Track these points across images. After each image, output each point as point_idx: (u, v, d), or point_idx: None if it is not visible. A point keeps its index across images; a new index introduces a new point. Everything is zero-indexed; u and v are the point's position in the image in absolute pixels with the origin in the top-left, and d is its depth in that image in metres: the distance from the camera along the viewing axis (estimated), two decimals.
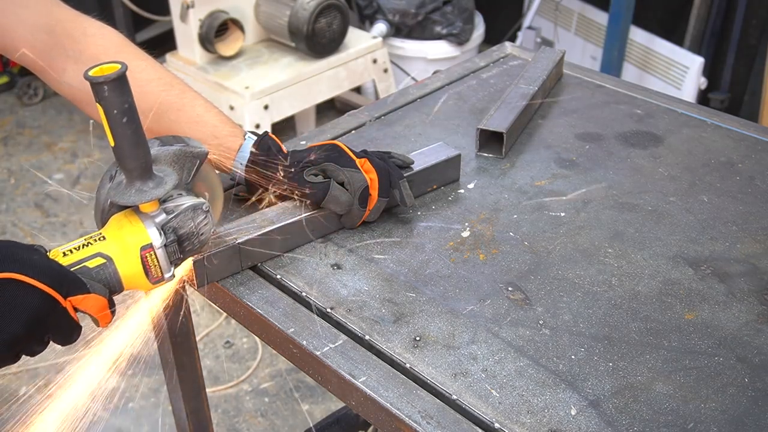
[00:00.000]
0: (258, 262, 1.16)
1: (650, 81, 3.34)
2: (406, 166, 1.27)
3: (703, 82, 3.25)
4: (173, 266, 0.97)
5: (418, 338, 1.03)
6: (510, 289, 1.12)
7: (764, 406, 0.93)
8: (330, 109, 3.83)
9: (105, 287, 0.92)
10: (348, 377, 0.98)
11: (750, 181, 1.35)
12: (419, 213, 1.27)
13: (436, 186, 1.33)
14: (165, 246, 0.95)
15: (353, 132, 1.52)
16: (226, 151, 1.21)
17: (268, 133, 1.24)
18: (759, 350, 1.01)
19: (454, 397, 0.95)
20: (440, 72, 1.75)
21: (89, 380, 0.99)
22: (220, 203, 1.11)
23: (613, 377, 0.97)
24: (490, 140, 1.42)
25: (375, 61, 3.19)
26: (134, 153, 0.90)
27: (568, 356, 1.00)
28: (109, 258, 0.92)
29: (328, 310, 1.08)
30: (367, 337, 1.04)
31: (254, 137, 1.22)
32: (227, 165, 1.22)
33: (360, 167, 1.18)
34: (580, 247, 1.20)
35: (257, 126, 2.88)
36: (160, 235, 0.94)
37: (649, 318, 1.06)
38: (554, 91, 1.66)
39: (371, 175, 1.18)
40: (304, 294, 1.11)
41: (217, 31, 2.93)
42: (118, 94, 0.86)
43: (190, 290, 1.18)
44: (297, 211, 1.18)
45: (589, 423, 0.92)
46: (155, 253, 0.94)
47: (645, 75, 3.38)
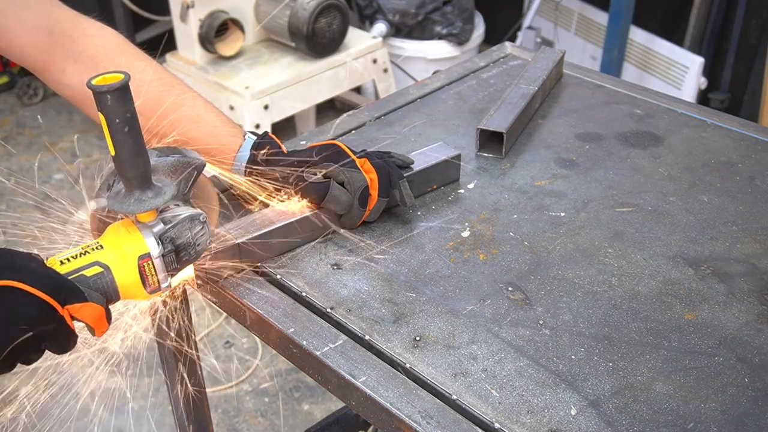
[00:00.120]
0: (258, 262, 1.16)
1: (650, 81, 3.34)
2: (406, 166, 1.27)
3: (703, 82, 3.25)
4: (170, 276, 0.97)
5: (418, 338, 1.03)
6: (510, 289, 1.12)
7: (764, 406, 0.93)
8: (330, 109, 3.83)
9: (102, 296, 0.91)
10: (348, 377, 0.98)
11: (750, 181, 1.35)
12: (419, 213, 1.27)
13: (436, 186, 1.33)
14: (162, 256, 0.95)
15: (353, 132, 1.52)
16: (226, 151, 1.21)
17: (268, 133, 1.24)
18: (759, 350, 1.01)
19: (454, 397, 0.95)
20: (440, 72, 1.75)
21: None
22: (216, 214, 1.12)
23: (613, 377, 0.97)
24: (490, 140, 1.42)
25: (375, 61, 3.19)
26: (134, 162, 0.90)
27: (568, 356, 1.00)
28: (106, 267, 0.92)
29: (328, 310, 1.08)
30: (367, 337, 1.04)
31: (254, 137, 1.22)
32: (227, 165, 1.22)
33: (360, 167, 1.18)
34: (580, 247, 1.20)
35: (257, 126, 2.88)
36: (158, 245, 0.94)
37: (649, 318, 1.06)
38: (554, 91, 1.66)
39: (371, 175, 1.18)
40: (304, 294, 1.11)
41: (217, 31, 2.93)
42: (120, 104, 0.86)
43: (190, 290, 1.18)
44: (297, 211, 1.18)
45: (589, 423, 0.92)
46: (153, 263, 0.94)
47: (645, 75, 3.38)
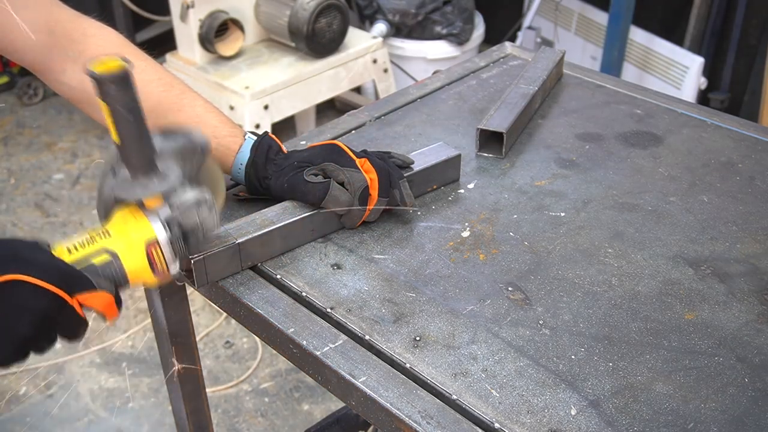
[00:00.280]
0: (258, 262, 1.16)
1: (650, 81, 3.34)
2: (406, 166, 1.27)
3: (703, 82, 3.25)
4: (178, 261, 0.97)
5: (418, 338, 1.03)
6: (510, 289, 1.12)
7: (764, 406, 0.93)
8: (330, 109, 3.83)
9: (111, 283, 0.91)
10: (348, 377, 0.98)
11: (750, 181, 1.35)
12: (419, 213, 1.27)
13: (436, 186, 1.33)
14: (170, 240, 0.95)
15: (353, 132, 1.52)
16: (226, 152, 1.21)
17: (268, 133, 1.24)
18: (759, 350, 1.01)
19: (454, 397, 0.95)
20: (440, 72, 1.75)
21: None
22: (223, 197, 1.11)
23: (613, 377, 0.97)
24: (490, 140, 1.42)
25: (375, 61, 3.19)
26: (139, 148, 0.90)
27: (568, 356, 1.00)
28: (114, 254, 0.92)
29: (328, 310, 1.08)
30: (367, 337, 1.04)
31: (254, 137, 1.22)
32: (227, 165, 1.22)
33: (360, 167, 1.18)
34: (580, 247, 1.20)
35: (257, 126, 2.88)
36: (165, 230, 0.94)
37: (649, 318, 1.06)
38: (554, 91, 1.66)
39: (371, 175, 1.18)
40: (304, 294, 1.11)
41: (217, 31, 2.93)
42: (123, 91, 0.85)
43: (189, 290, 1.18)
44: (297, 211, 1.18)
45: (589, 423, 0.92)
46: (160, 248, 0.94)
47: (645, 75, 3.38)
